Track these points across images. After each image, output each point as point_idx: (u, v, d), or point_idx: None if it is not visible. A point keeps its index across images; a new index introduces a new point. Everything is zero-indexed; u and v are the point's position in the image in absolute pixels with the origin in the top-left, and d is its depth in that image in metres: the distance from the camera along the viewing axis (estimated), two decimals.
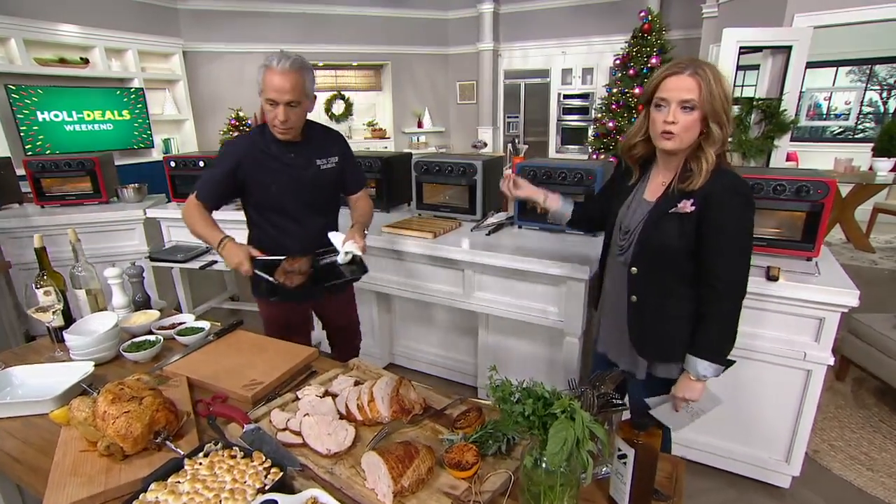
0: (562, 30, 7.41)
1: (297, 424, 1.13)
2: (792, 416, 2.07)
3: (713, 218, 1.29)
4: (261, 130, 1.84)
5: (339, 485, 1.00)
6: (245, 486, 0.96)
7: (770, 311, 1.99)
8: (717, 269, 1.31)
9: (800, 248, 2.12)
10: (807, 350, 1.97)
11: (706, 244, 1.30)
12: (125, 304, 1.81)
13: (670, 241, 1.33)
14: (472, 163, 2.73)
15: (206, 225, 1.80)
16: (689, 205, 1.30)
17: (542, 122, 8.03)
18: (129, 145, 6.01)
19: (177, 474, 1.00)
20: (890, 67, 7.23)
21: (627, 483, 0.92)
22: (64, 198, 3.41)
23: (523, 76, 8.01)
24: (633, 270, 1.42)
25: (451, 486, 0.99)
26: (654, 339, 1.45)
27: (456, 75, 8.45)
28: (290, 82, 1.65)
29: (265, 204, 1.89)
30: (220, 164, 1.84)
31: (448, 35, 8.28)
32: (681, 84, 1.23)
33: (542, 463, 0.87)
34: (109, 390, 1.12)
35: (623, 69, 6.18)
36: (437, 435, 1.14)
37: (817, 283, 1.93)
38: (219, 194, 1.85)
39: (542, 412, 0.84)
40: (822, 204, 2.04)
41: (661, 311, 1.41)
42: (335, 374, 1.40)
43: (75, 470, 1.05)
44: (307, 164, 1.87)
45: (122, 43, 5.93)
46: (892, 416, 2.74)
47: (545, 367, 2.62)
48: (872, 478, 2.30)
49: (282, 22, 7.24)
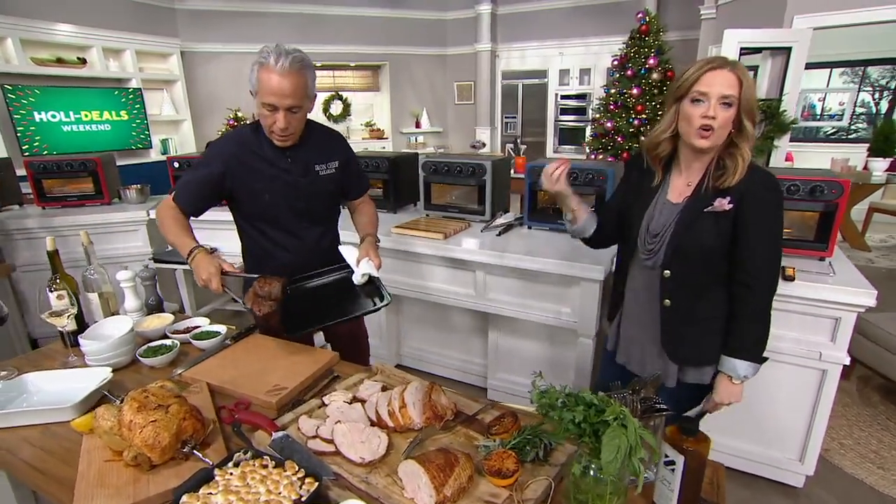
0: (559, 31, 7.39)
1: (328, 432, 1.09)
2: (806, 415, 2.06)
3: (751, 214, 1.27)
4: (254, 129, 1.62)
5: (377, 494, 0.96)
6: (281, 497, 0.93)
7: (786, 311, 1.97)
8: (753, 266, 1.29)
9: (813, 248, 2.11)
10: (822, 350, 1.96)
11: (742, 242, 1.28)
12: (137, 307, 1.76)
13: (706, 241, 1.30)
14: (481, 163, 2.70)
15: (178, 231, 1.56)
16: (726, 203, 1.27)
17: (540, 122, 8.02)
18: (127, 146, 5.93)
19: (208, 485, 0.96)
20: (882, 69, 7.28)
21: (675, 490, 0.89)
22: (65, 199, 3.34)
23: (521, 77, 8.00)
24: (665, 274, 1.37)
25: (492, 495, 0.95)
26: (688, 344, 1.41)
27: (454, 76, 8.42)
28: (292, 84, 1.44)
29: (256, 213, 1.68)
30: (205, 165, 1.61)
31: (446, 36, 8.24)
32: (722, 79, 1.20)
33: (591, 471, 0.85)
34: (134, 398, 1.08)
35: (621, 70, 6.17)
36: (471, 441, 1.11)
37: (833, 282, 1.92)
38: (200, 199, 1.62)
39: (594, 419, 0.82)
40: (837, 204, 2.03)
41: (695, 313, 1.38)
42: (359, 379, 1.37)
43: (102, 481, 1.01)
44: (305, 171, 1.66)
45: (119, 43, 5.85)
46: (887, 403, 2.75)
47: (551, 367, 2.59)
48: (884, 476, 2.30)
49: (279, 22, 7.18)
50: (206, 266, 1.45)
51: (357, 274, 1.62)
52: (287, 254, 1.72)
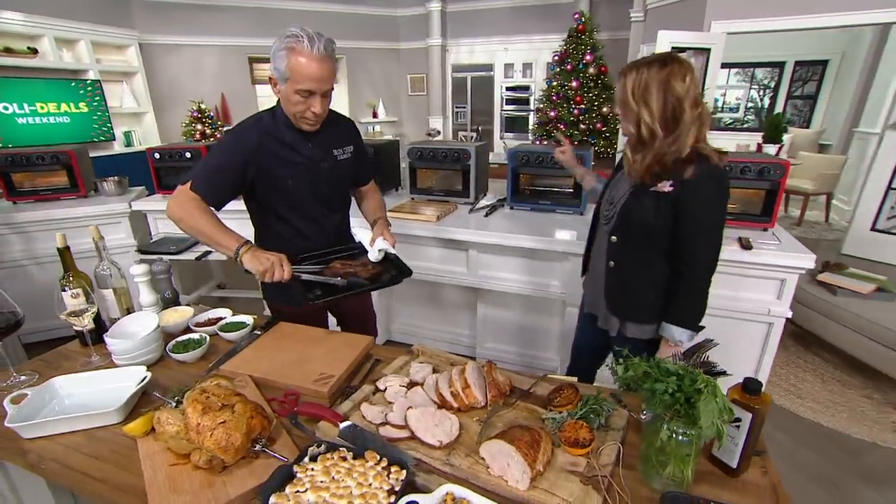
0: (504, 28, 7.29)
1: (398, 418, 0.99)
2: (755, 362, 2.18)
3: (688, 202, 1.24)
4: (272, 115, 1.42)
5: (463, 475, 0.88)
6: (374, 489, 0.83)
7: (742, 275, 2.05)
8: (691, 248, 1.29)
9: (759, 221, 2.20)
10: (770, 307, 2.06)
11: (681, 226, 1.27)
12: (153, 301, 1.54)
13: (647, 216, 1.30)
14: (465, 148, 2.60)
15: (215, 225, 1.33)
16: (667, 185, 1.25)
17: (488, 111, 7.96)
18: (88, 138, 5.26)
19: (292, 483, 0.84)
20: (765, 71, 7.79)
21: (740, 444, 0.88)
22: (38, 192, 2.91)
23: (469, 70, 7.87)
24: (612, 239, 1.41)
25: (572, 464, 0.90)
26: (627, 302, 1.44)
27: (407, 69, 8.14)
28: (329, 69, 1.28)
29: (278, 201, 1.48)
30: (226, 153, 1.38)
31: (399, 31, 7.92)
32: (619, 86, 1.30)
33: (678, 435, 0.81)
34: (196, 399, 0.93)
35: (561, 65, 6.19)
36: (533, 414, 1.05)
37: (779, 249, 2.01)
38: (223, 189, 1.38)
39: (689, 388, 0.77)
40: (779, 182, 2.11)
41: (634, 277, 1.40)
42: (404, 362, 1.26)
43: (175, 487, 0.86)
44: (325, 156, 1.49)
45: (73, 33, 5.12)
46: (806, 353, 2.98)
47: (535, 335, 2.59)
48: (802, 404, 2.49)
49: (238, 16, 6.59)
50: (268, 255, 1.31)
51: (373, 252, 1.52)
52: (307, 241, 1.55)
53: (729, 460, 0.90)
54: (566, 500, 0.82)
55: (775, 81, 7.71)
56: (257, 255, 1.30)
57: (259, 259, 1.30)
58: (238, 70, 6.86)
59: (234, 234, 1.33)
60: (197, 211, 1.32)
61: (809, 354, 2.97)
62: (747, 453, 0.89)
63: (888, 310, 2.56)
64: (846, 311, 2.64)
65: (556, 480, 0.86)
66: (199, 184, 1.35)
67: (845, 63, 6.88)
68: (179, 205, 1.34)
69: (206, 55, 6.53)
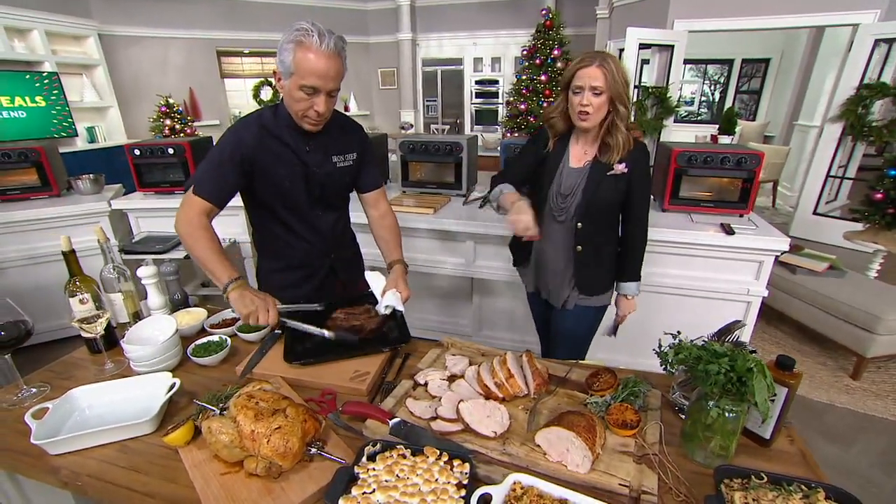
0: (472, 23, 7.23)
1: (448, 411, 0.97)
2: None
3: (638, 174, 1.44)
4: (273, 113, 1.33)
5: (523, 464, 0.88)
6: (442, 484, 0.81)
7: (724, 258, 2.13)
8: (640, 211, 1.50)
9: (736, 208, 2.29)
10: (749, 287, 2.15)
11: (634, 195, 1.47)
12: (162, 304, 1.44)
13: (610, 197, 1.45)
14: (458, 141, 2.57)
15: (213, 251, 1.20)
16: (623, 167, 1.41)
17: (458, 105, 7.91)
18: (48, 134, 4.84)
19: (357, 485, 0.81)
20: (716, 67, 8.12)
21: (774, 417, 0.91)
22: (6, 192, 2.65)
23: (439, 64, 7.77)
24: (578, 225, 1.48)
25: (622, 444, 0.91)
26: (594, 279, 1.57)
27: (377, 63, 7.94)
28: (336, 66, 1.18)
29: (275, 200, 1.38)
30: (226, 148, 1.28)
31: (368, 25, 7.70)
32: (591, 74, 1.31)
33: (727, 412, 0.83)
34: (246, 406, 0.87)
35: (530, 59, 6.21)
36: (574, 400, 1.06)
37: (757, 234, 2.10)
38: (227, 185, 1.28)
39: (741, 369, 0.79)
40: (755, 172, 2.20)
41: (599, 254, 1.55)
42: (436, 355, 1.24)
43: (231, 496, 0.81)
44: (323, 160, 1.38)
45: (24, 22, 4.67)
46: (768, 328, 3.16)
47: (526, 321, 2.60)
48: None
49: (206, 8, 6.22)
50: (255, 297, 1.17)
51: (381, 305, 1.34)
52: (303, 241, 1.46)
53: (763, 432, 0.94)
54: (625, 479, 0.83)
55: (725, 77, 8.05)
56: (244, 296, 1.17)
57: (244, 300, 1.17)
58: (206, 64, 6.49)
59: (228, 267, 1.20)
60: (198, 231, 1.22)
61: (770, 328, 3.15)
62: (780, 425, 0.92)
63: (840, 285, 2.74)
64: (804, 288, 2.81)
65: (611, 462, 0.87)
66: (200, 185, 1.25)
67: (785, 61, 7.26)
68: (187, 221, 1.23)
69: (172, 48, 6.13)
